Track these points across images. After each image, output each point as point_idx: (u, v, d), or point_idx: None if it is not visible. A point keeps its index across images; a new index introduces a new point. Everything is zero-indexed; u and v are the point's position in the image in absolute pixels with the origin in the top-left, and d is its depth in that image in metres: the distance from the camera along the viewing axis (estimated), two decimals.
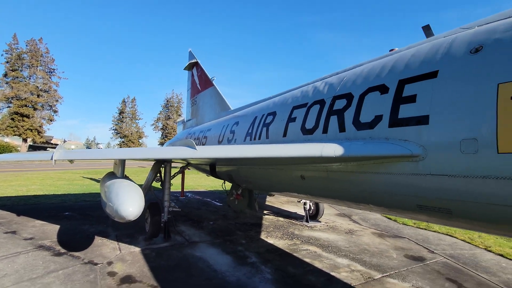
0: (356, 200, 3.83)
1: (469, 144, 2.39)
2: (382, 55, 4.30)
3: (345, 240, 7.28)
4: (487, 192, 2.34)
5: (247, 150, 3.99)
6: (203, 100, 12.18)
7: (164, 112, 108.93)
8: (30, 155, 6.77)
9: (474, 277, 5.18)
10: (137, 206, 4.23)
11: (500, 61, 2.38)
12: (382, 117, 3.21)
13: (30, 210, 9.36)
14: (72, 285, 4.33)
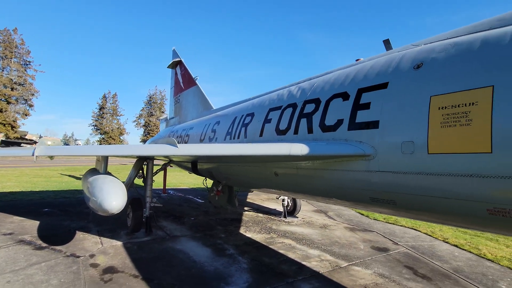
0: (322, 194, 4.28)
1: (407, 146, 2.86)
2: (348, 64, 4.77)
3: (318, 234, 7.78)
4: (421, 186, 2.81)
5: (224, 149, 4.34)
6: (186, 98, 12.37)
7: (147, 108, 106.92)
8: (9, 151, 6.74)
9: (429, 264, 5.80)
10: (120, 200, 4.48)
11: (434, 77, 2.86)
12: (343, 121, 3.65)
13: (7, 206, 9.26)
14: (55, 275, 4.52)
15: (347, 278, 4.94)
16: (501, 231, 2.75)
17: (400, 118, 3.00)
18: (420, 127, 2.77)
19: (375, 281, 4.88)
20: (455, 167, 2.52)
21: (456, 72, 2.69)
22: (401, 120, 2.99)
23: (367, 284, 4.75)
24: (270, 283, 4.61)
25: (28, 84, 59.77)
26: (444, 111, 2.61)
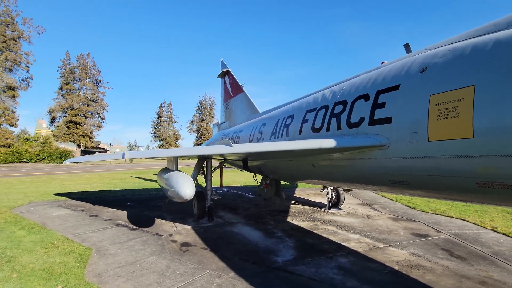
0: (352, 181, 5.06)
1: (413, 136, 3.55)
2: (373, 67, 5.45)
3: (361, 222, 8.37)
4: (425, 167, 3.48)
5: (269, 146, 5.38)
6: (234, 104, 13.78)
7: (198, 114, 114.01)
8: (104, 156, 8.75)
9: (468, 248, 6.08)
10: (191, 190, 5.85)
11: (434, 79, 3.51)
12: (364, 118, 4.41)
13: (101, 201, 11.64)
14: (148, 246, 6.06)
15: (381, 256, 5.59)
16: (490, 201, 3.28)
17: (407, 114, 3.70)
18: (422, 121, 3.46)
19: (408, 258, 5.45)
20: (449, 151, 3.18)
21: (449, 74, 3.32)
22: (408, 115, 3.68)
23: (399, 260, 5.36)
24: (312, 256, 5.52)
25: (100, 100, 68.73)
26: (440, 107, 3.27)
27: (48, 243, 5.93)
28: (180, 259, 5.34)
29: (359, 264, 5.16)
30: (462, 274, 4.76)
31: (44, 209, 9.58)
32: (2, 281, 4.11)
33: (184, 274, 4.62)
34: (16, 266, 4.66)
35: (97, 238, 6.55)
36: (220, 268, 4.90)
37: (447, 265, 5.16)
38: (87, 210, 9.73)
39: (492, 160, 2.82)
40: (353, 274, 4.73)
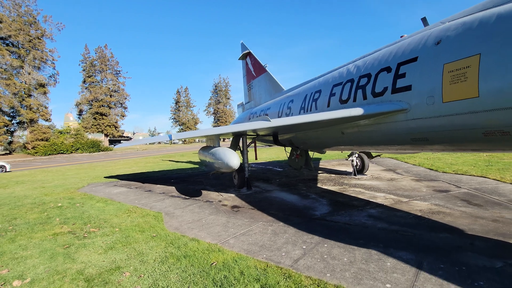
0: (378, 143, 5.88)
1: (430, 99, 4.30)
2: (394, 41, 6.06)
3: (385, 184, 9.21)
4: (440, 124, 4.25)
5: (306, 118, 6.22)
6: (258, 84, 14.55)
7: (214, 97, 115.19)
8: (155, 138, 9.96)
9: (485, 198, 6.82)
10: (238, 160, 6.92)
11: (447, 50, 4.18)
12: (388, 88, 5.15)
13: (147, 180, 13.13)
14: (205, 209, 7.27)
15: (406, 207, 6.48)
16: (494, 147, 4.03)
17: (425, 81, 4.42)
18: (437, 86, 4.19)
19: (430, 208, 6.31)
20: (460, 109, 3.92)
21: (460, 45, 3.99)
22: (425, 83, 4.41)
23: (422, 209, 6.23)
24: (344, 210, 6.51)
25: (121, 90, 71.18)
26: (452, 73, 3.98)
27: (126, 210, 7.28)
28: (235, 216, 6.50)
29: (386, 213, 6.09)
30: (478, 215, 5.58)
31: (103, 188, 11.11)
32: (110, 233, 5.43)
33: (242, 226, 5.76)
34: (113, 225, 5.99)
35: (160, 206, 7.85)
36: (270, 221, 6.00)
37: (464, 210, 5.98)
38: (140, 187, 11.17)
39: (493, 113, 3.57)
40: (381, 219, 5.68)
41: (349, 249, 4.27)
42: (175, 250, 4.45)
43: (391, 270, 3.59)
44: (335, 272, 3.61)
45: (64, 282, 3.59)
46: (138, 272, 3.79)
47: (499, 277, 3.29)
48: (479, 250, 4.04)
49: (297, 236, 4.95)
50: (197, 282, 3.43)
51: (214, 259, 4.06)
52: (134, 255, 4.37)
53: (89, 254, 4.49)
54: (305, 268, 3.76)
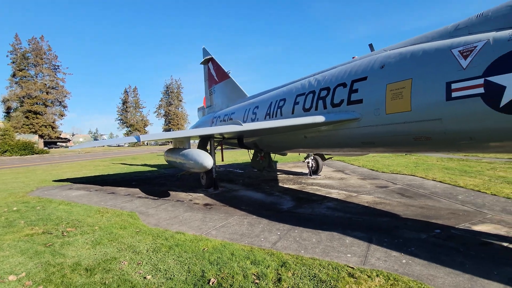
0: (335, 146, 6.99)
1: (376, 111, 5.46)
2: (348, 60, 7.28)
3: (337, 182, 10.56)
4: (384, 131, 5.43)
5: (277, 122, 7.04)
6: (221, 89, 15.12)
7: (165, 98, 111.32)
8: (120, 140, 9.74)
9: (414, 191, 8.45)
10: (212, 161, 7.44)
11: (389, 73, 5.39)
12: (344, 100, 6.26)
13: (105, 182, 12.68)
14: (178, 207, 7.60)
15: (355, 200, 7.73)
16: (421, 149, 5.37)
17: (373, 97, 5.58)
18: (382, 101, 5.36)
19: (374, 200, 7.64)
20: (398, 119, 5.12)
21: (398, 70, 5.21)
22: (373, 98, 5.57)
23: (368, 201, 7.52)
24: (306, 204, 7.49)
25: (60, 87, 64.73)
26: (392, 92, 5.18)
27: (96, 211, 7.24)
28: (210, 212, 7.01)
29: (341, 205, 7.23)
30: (409, 204, 7.02)
31: (59, 192, 10.52)
32: (90, 231, 5.51)
33: (219, 220, 6.32)
34: (89, 224, 6.03)
35: (131, 206, 7.93)
36: (243, 215, 6.66)
37: (399, 201, 7.41)
38: (101, 190, 10.83)
39: (421, 124, 4.80)
40: (338, 210, 6.77)
41: (316, 233, 5.16)
42: (164, 241, 4.84)
43: (350, 245, 4.56)
44: (308, 249, 4.44)
45: (64, 272, 3.78)
46: (135, 261, 4.14)
47: (423, 244, 4.47)
48: (410, 228, 5.27)
49: (271, 225, 5.71)
50: (195, 263, 3.94)
51: (203, 246, 4.58)
52: (125, 247, 4.65)
53: (77, 249, 4.63)
54: (283, 248, 4.52)
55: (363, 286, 3.21)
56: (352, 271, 3.57)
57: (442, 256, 4.03)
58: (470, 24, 4.63)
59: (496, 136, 4.09)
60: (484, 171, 11.14)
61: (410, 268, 3.69)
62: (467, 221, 5.55)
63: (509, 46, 3.75)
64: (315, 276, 3.48)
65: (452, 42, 4.55)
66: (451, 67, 4.34)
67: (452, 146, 4.88)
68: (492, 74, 3.82)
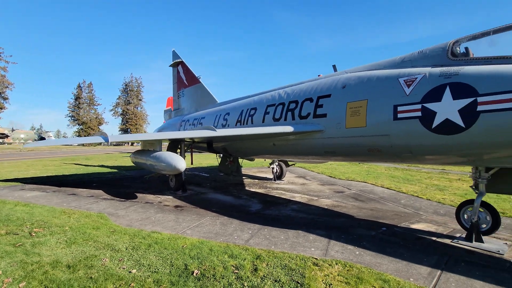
0: (301, 154, 7.74)
1: (338, 125, 6.29)
2: (314, 78, 8.13)
3: (300, 187, 11.39)
4: (344, 143, 6.28)
5: (250, 130, 7.57)
6: (190, 94, 15.28)
7: (123, 96, 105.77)
8: (86, 139, 9.35)
9: (366, 196, 9.56)
10: (185, 164, 7.70)
11: (349, 93, 6.27)
12: (310, 113, 7.03)
13: (62, 183, 12.02)
14: (148, 209, 7.69)
15: (316, 203, 8.54)
16: (373, 159, 6.33)
17: (335, 112, 6.41)
18: (343, 116, 6.20)
19: (332, 203, 8.52)
20: (355, 133, 5.98)
21: (356, 91, 6.11)
22: (336, 113, 6.40)
23: (327, 204, 8.38)
24: (273, 206, 8.10)
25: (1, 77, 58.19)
26: (351, 109, 6.04)
27: (61, 212, 7.03)
28: (182, 213, 7.25)
29: (304, 207, 7.97)
30: (362, 207, 8.00)
31: (9, 192, 9.80)
32: (61, 232, 5.45)
33: (192, 220, 6.62)
34: (58, 225, 5.91)
35: (97, 207, 7.81)
36: (215, 216, 7.03)
37: (354, 204, 8.39)
38: (59, 191, 10.30)
39: (373, 138, 5.69)
40: (301, 211, 7.48)
41: (283, 231, 5.76)
42: (142, 240, 5.04)
43: (313, 240, 5.22)
44: (277, 245, 5.01)
45: (45, 269, 3.84)
46: (116, 258, 4.32)
47: (373, 239, 5.32)
48: (362, 226, 6.14)
49: (242, 225, 6.18)
50: (177, 258, 4.26)
51: (182, 243, 4.89)
52: (103, 246, 4.77)
53: (51, 249, 4.63)
54: (256, 244, 5.03)
55: (325, 272, 3.85)
56: (316, 261, 4.20)
57: (387, 248, 4.87)
58: (413, 58, 5.67)
59: (429, 151, 5.09)
60: (422, 180, 12.86)
61: (362, 258, 4.44)
62: (407, 221, 6.60)
63: (440, 80, 4.76)
64: (286, 265, 4.04)
65: (399, 72, 5.53)
66: (398, 93, 5.29)
67: (397, 158, 5.86)
68: (428, 101, 4.80)
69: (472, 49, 5.11)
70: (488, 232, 5.21)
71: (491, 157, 4.55)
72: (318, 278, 3.69)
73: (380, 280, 3.63)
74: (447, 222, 6.44)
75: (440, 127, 4.67)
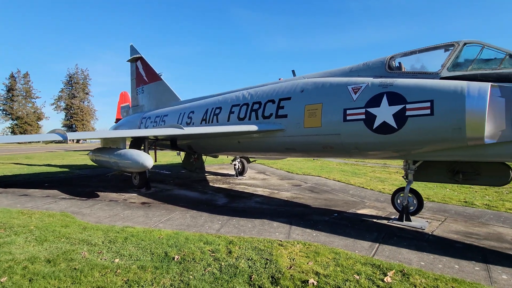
0: (264, 151, 8.44)
1: (297, 125, 7.09)
2: (275, 81, 8.87)
3: (261, 182, 12.14)
4: (303, 141, 7.11)
5: (218, 128, 7.99)
6: (151, 90, 15.07)
7: (67, 89, 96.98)
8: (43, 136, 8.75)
9: (320, 188, 10.66)
10: (152, 161, 7.88)
11: (307, 97, 7.10)
12: (273, 114, 7.74)
13: (8, 184, 11.13)
14: (114, 207, 7.71)
15: (277, 195, 9.35)
16: (327, 155, 7.29)
17: (295, 113, 7.21)
18: (301, 117, 7.01)
19: (291, 195, 9.41)
20: (312, 132, 6.83)
21: (313, 95, 6.96)
22: (295, 114, 7.19)
23: (287, 196, 9.23)
24: (238, 199, 8.68)
25: None
26: (309, 111, 6.87)
27: (18, 213, 6.74)
28: (150, 209, 7.45)
29: (266, 200, 8.70)
30: (317, 197, 9.00)
31: None
32: (27, 231, 5.35)
33: (162, 215, 6.89)
34: (20, 225, 5.73)
35: (58, 207, 7.59)
36: (184, 210, 7.38)
37: (310, 195, 9.37)
38: (5, 192, 9.60)
39: (327, 137, 6.59)
40: (265, 203, 8.20)
41: (250, 220, 6.38)
42: (117, 234, 5.24)
43: (277, 227, 5.94)
44: (246, 232, 5.61)
45: (24, 264, 3.91)
46: (94, 251, 4.51)
47: (326, 223, 6.22)
48: (317, 214, 7.06)
49: (212, 217, 6.66)
50: (156, 247, 4.61)
51: (158, 235, 5.22)
52: (77, 242, 4.88)
53: (22, 247, 4.62)
54: (226, 232, 5.57)
55: (289, 250, 4.56)
56: (281, 243, 4.90)
57: (338, 229, 5.79)
58: (359, 69, 6.68)
59: (371, 147, 6.11)
60: (367, 173, 14.56)
61: (318, 238, 5.26)
62: (354, 207, 7.71)
63: (379, 89, 5.77)
64: (256, 247, 4.66)
65: (348, 80, 6.49)
66: (347, 98, 6.23)
67: (347, 153, 6.85)
68: (370, 106, 5.79)
69: (404, 64, 6.26)
70: (414, 213, 6.45)
71: (417, 152, 5.70)
72: (284, 255, 4.38)
73: (332, 253, 4.45)
74: (386, 207, 7.68)
75: (379, 128, 5.68)
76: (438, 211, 7.31)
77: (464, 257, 4.44)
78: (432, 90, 5.09)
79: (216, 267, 3.98)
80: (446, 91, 4.93)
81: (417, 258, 4.41)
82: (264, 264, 4.07)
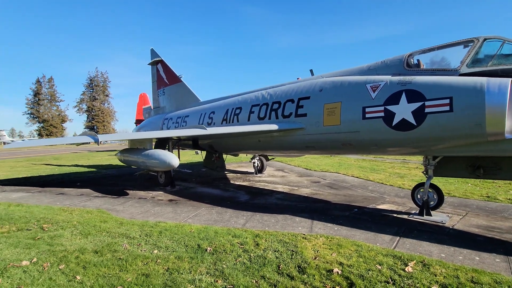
0: (284, 149, 8.71)
1: (317, 123, 7.30)
2: (294, 80, 9.09)
3: (280, 179, 12.42)
4: (322, 138, 7.32)
5: (240, 128, 8.34)
6: (172, 92, 15.63)
7: (88, 92, 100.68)
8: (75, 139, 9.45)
9: (339, 184, 10.81)
10: (178, 161, 8.34)
11: (326, 96, 7.29)
12: (292, 113, 7.98)
13: (45, 184, 11.99)
14: (144, 204, 8.23)
15: (297, 192, 9.60)
16: (346, 152, 7.45)
17: (314, 112, 7.42)
18: (320, 116, 7.22)
19: (311, 191, 9.63)
20: (331, 130, 7.03)
21: (332, 94, 7.14)
22: (315, 113, 7.40)
23: (307, 193, 9.46)
24: (259, 196, 9.01)
25: None
26: (328, 110, 7.07)
27: (59, 210, 7.37)
28: (178, 206, 7.91)
29: (287, 196, 8.98)
30: (336, 193, 9.18)
31: None
32: (71, 226, 5.91)
33: (190, 211, 7.32)
34: (64, 221, 6.32)
35: (93, 204, 8.20)
36: (209, 206, 7.79)
37: (329, 191, 9.55)
38: (43, 191, 10.37)
39: (346, 134, 6.77)
40: (285, 199, 8.48)
41: (273, 216, 6.69)
42: (151, 228, 5.70)
43: (299, 222, 6.21)
44: (270, 226, 5.93)
45: (76, 255, 4.40)
46: (134, 243, 4.96)
47: (347, 218, 6.43)
48: (338, 209, 7.26)
49: (236, 213, 7.02)
50: (189, 240, 5.01)
51: (189, 229, 5.63)
52: (117, 235, 5.37)
53: (70, 240, 5.14)
54: (252, 227, 5.90)
55: (313, 243, 4.83)
56: (304, 236, 5.17)
57: (359, 224, 5.99)
58: (377, 67, 6.80)
59: (390, 144, 6.25)
60: (386, 169, 14.50)
61: (339, 232, 5.49)
62: (374, 203, 7.85)
63: (398, 87, 5.90)
64: (281, 240, 4.96)
65: (366, 79, 6.64)
66: (365, 96, 6.38)
67: (366, 150, 7.01)
68: (388, 104, 5.93)
69: (422, 61, 6.33)
70: (435, 208, 6.54)
71: (436, 148, 5.79)
72: (308, 247, 4.66)
73: (355, 246, 4.68)
74: (405, 203, 7.76)
75: (398, 125, 5.82)
76: (459, 205, 7.33)
77: (485, 250, 4.55)
78: (451, 87, 5.18)
79: (246, 257, 4.32)
80: (465, 87, 5.01)
81: (437, 250, 4.57)
82: (290, 255, 4.37)
